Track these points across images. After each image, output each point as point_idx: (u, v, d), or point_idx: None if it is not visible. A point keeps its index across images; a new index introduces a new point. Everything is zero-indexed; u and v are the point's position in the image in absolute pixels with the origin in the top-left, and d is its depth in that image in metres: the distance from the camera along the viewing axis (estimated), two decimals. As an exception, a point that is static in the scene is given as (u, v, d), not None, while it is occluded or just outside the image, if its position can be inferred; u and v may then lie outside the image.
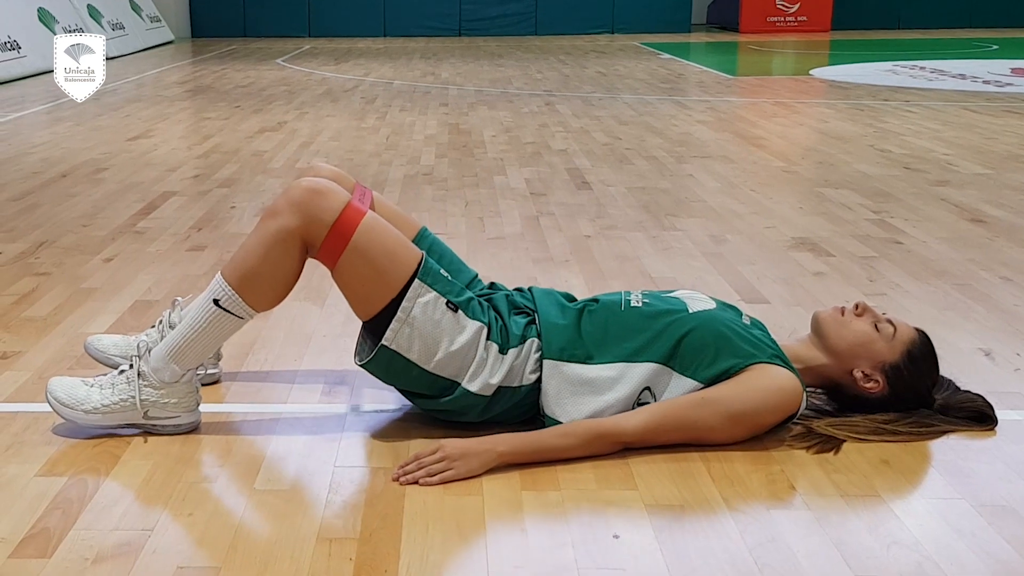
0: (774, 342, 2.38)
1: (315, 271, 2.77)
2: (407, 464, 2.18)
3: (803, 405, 2.32)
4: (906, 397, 2.39)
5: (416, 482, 2.13)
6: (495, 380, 2.30)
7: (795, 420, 2.34)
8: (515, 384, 2.32)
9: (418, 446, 2.27)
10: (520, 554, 1.90)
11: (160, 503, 2.07)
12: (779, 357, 2.32)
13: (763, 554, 1.89)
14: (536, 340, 2.34)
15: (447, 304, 2.28)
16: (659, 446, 2.26)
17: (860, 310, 2.42)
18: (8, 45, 10.40)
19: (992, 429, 2.39)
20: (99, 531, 1.96)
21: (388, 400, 2.56)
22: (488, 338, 2.31)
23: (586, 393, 2.29)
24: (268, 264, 2.25)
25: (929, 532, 1.98)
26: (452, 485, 2.13)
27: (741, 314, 2.45)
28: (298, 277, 2.31)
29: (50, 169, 5.68)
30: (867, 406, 2.39)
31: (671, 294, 2.48)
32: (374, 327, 2.30)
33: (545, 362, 2.31)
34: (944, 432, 2.36)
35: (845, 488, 2.13)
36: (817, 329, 2.44)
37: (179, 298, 2.57)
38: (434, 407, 2.35)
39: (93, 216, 4.54)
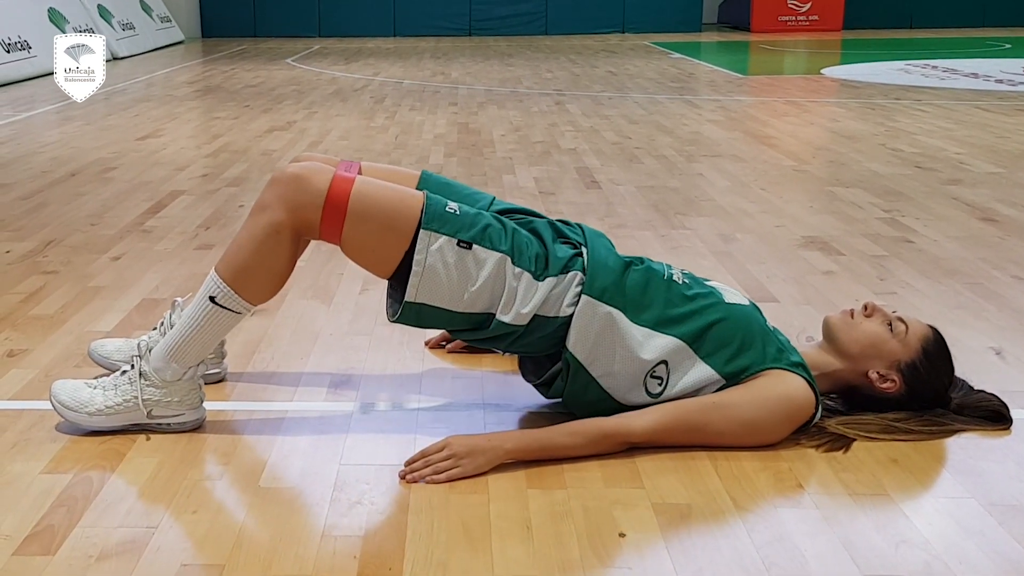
0: (795, 349, 2.36)
1: (322, 269, 2.77)
2: (413, 462, 2.17)
3: (817, 416, 2.30)
4: (923, 395, 2.36)
5: (422, 480, 2.13)
6: (527, 309, 2.24)
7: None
8: (551, 314, 2.26)
9: (424, 444, 2.25)
10: (526, 552, 1.89)
11: (165, 501, 2.06)
12: (800, 365, 2.29)
13: (770, 553, 1.88)
14: (580, 274, 2.29)
15: (459, 244, 2.24)
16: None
17: (869, 311, 2.40)
18: (19, 45, 10.43)
19: (1007, 429, 2.37)
20: (103, 528, 1.96)
21: (394, 399, 2.56)
22: (515, 264, 2.26)
23: (606, 343, 2.25)
24: (261, 258, 2.24)
25: (938, 531, 1.96)
26: (458, 483, 2.12)
27: (766, 319, 2.43)
28: (292, 267, 2.30)
29: (59, 168, 5.69)
30: (883, 407, 2.36)
31: (708, 281, 2.45)
32: (399, 280, 2.28)
33: (583, 298, 2.26)
34: (956, 431, 2.34)
35: (853, 487, 2.12)
36: (828, 334, 2.42)
37: (179, 299, 2.56)
38: (476, 338, 2.33)
39: (101, 215, 4.54)
